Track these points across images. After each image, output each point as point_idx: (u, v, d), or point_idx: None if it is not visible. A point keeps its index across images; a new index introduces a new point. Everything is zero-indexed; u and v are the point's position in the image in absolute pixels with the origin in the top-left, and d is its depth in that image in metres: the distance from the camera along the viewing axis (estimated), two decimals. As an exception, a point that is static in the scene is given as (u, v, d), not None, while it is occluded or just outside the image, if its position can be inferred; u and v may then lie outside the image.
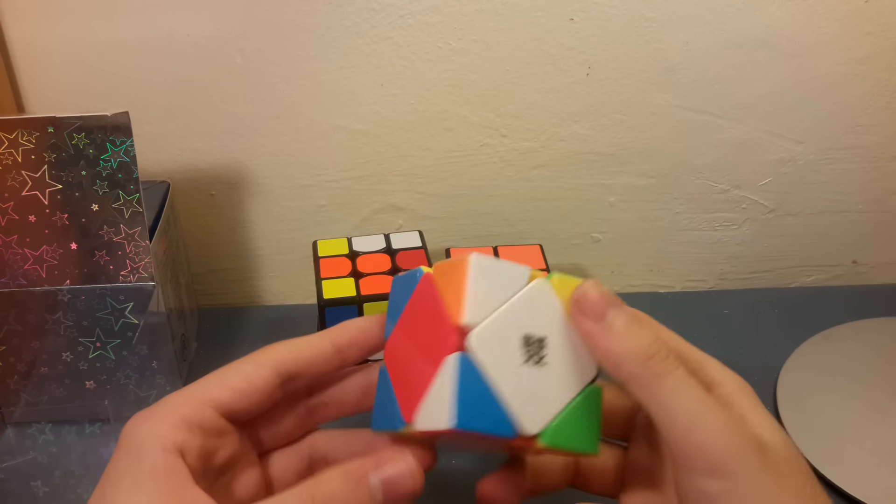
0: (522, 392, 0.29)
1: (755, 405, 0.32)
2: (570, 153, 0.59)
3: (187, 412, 0.30)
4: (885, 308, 0.61)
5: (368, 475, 0.29)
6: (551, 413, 0.30)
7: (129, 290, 0.48)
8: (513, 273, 0.31)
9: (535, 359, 0.30)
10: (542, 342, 0.30)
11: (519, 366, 0.30)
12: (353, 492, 0.28)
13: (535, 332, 0.30)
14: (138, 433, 0.29)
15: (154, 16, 0.53)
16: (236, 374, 0.32)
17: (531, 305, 0.30)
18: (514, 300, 0.30)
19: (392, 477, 0.29)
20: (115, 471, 0.28)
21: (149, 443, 0.29)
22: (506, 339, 0.30)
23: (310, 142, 0.58)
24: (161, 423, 0.29)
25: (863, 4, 0.53)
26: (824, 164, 0.60)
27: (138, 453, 0.28)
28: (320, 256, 0.52)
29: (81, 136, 0.45)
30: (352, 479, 0.28)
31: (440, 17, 0.53)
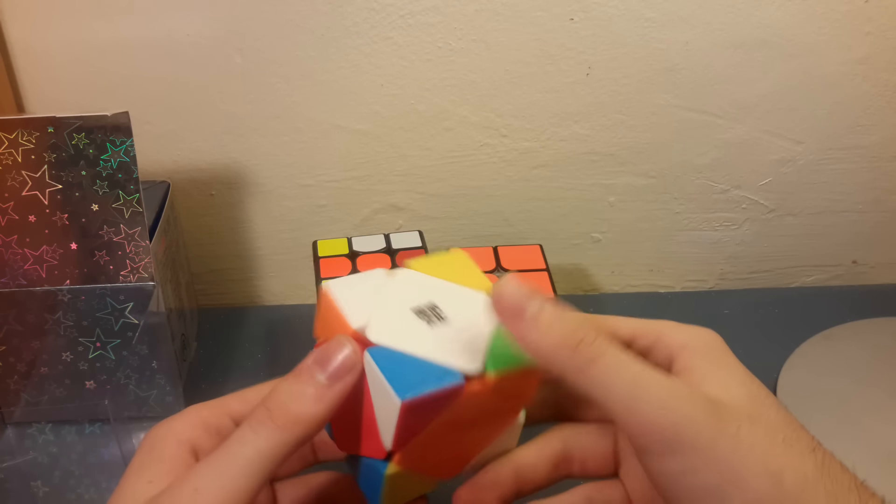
0: (444, 346, 0.30)
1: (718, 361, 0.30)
2: (570, 153, 0.59)
3: (205, 415, 0.32)
4: (885, 308, 0.61)
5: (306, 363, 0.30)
6: (481, 348, 0.30)
7: (129, 290, 0.48)
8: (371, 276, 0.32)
9: (435, 319, 0.31)
10: (433, 306, 0.31)
11: (427, 329, 0.30)
12: (296, 383, 0.29)
13: (421, 302, 0.31)
14: (156, 431, 0.31)
15: (154, 16, 0.53)
16: (254, 391, 0.33)
17: (405, 289, 0.31)
18: (387, 291, 0.31)
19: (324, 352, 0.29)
20: (130, 465, 0.30)
21: (163, 437, 0.31)
22: (399, 318, 0.30)
23: (310, 142, 0.58)
24: (178, 421, 0.31)
25: (863, 4, 0.53)
26: (824, 164, 0.60)
27: (152, 446, 0.30)
28: (320, 256, 0.53)
29: (81, 136, 0.45)
30: (292, 375, 0.29)
31: (440, 17, 0.53)
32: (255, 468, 0.28)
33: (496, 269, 0.54)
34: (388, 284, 0.32)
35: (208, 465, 0.28)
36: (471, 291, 0.32)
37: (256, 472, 0.28)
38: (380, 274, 0.32)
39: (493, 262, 0.54)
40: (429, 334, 0.30)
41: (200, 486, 0.27)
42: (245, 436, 0.28)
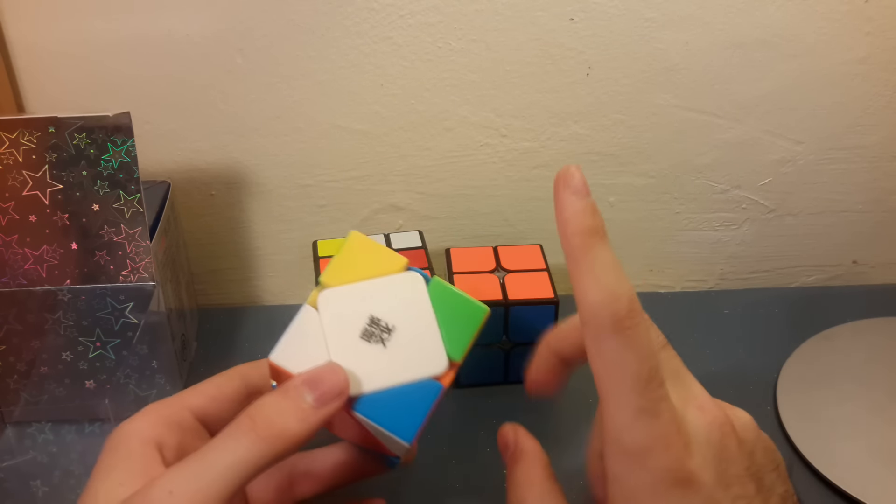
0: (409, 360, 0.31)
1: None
2: (570, 153, 0.59)
3: (165, 413, 0.32)
4: (885, 308, 0.61)
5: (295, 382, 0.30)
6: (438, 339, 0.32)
7: (129, 289, 0.48)
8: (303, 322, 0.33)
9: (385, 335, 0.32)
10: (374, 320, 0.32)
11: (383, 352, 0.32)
12: (284, 399, 0.30)
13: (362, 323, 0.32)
14: (119, 432, 0.31)
15: (154, 16, 0.53)
16: (209, 383, 0.35)
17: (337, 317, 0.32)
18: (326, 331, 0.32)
19: (315, 375, 0.30)
20: (96, 467, 0.30)
21: (127, 436, 0.31)
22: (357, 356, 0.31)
23: (310, 142, 0.58)
24: (139, 421, 0.32)
25: (863, 4, 0.53)
26: (824, 164, 0.60)
27: (117, 446, 0.31)
28: (320, 256, 0.53)
29: (82, 136, 0.45)
30: (280, 391, 0.30)
31: (440, 17, 0.53)
32: (232, 476, 0.28)
33: (496, 269, 0.54)
34: (322, 322, 0.32)
35: (185, 468, 0.28)
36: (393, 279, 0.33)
37: (232, 479, 0.28)
38: (308, 314, 0.32)
39: (493, 262, 0.54)
40: (389, 357, 0.31)
41: (175, 489, 0.27)
42: (225, 443, 0.28)
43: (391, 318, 0.32)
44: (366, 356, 0.31)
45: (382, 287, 0.33)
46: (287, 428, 0.29)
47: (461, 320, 0.32)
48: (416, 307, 0.32)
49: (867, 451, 0.49)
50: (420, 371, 0.31)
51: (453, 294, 0.33)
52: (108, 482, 0.29)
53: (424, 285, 0.33)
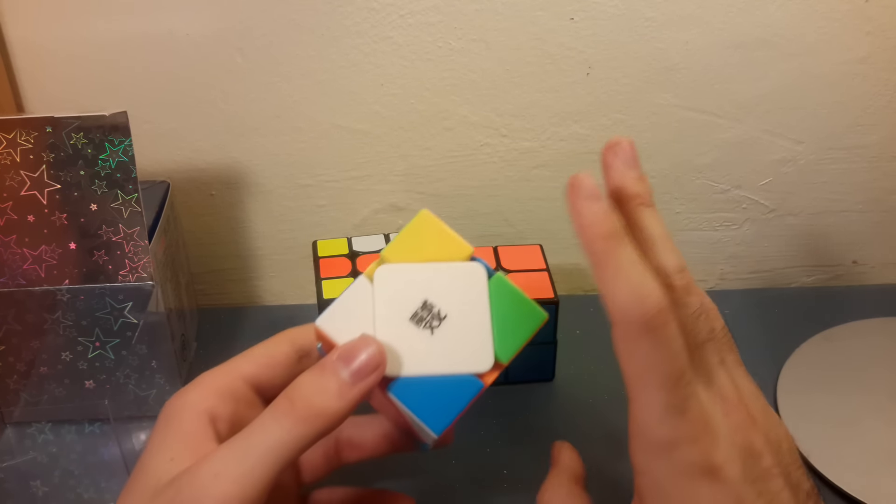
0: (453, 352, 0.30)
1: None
2: (570, 153, 0.59)
3: (219, 383, 0.32)
4: (885, 308, 0.61)
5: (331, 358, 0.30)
6: (488, 336, 0.31)
7: (128, 289, 0.48)
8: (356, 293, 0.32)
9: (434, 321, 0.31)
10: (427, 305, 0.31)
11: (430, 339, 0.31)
12: (320, 377, 0.30)
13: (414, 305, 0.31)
14: (173, 404, 0.32)
15: (154, 15, 0.53)
16: (260, 350, 0.34)
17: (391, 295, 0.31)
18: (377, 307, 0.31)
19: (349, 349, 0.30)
20: (149, 441, 0.31)
21: (180, 409, 0.31)
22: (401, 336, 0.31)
23: (310, 141, 0.58)
24: (193, 392, 0.32)
25: (863, 4, 0.53)
26: (824, 163, 0.60)
27: (169, 420, 0.31)
28: (320, 256, 0.52)
29: (80, 136, 0.45)
30: (317, 369, 0.30)
31: (440, 17, 0.53)
32: (275, 457, 0.28)
33: (496, 269, 0.54)
34: (375, 296, 0.31)
35: (229, 451, 0.28)
36: (454, 267, 0.32)
37: (276, 461, 0.28)
38: (363, 286, 0.32)
39: (493, 263, 0.54)
40: (435, 344, 0.30)
41: (220, 472, 0.28)
42: (267, 425, 0.29)
43: (445, 305, 0.31)
44: (412, 339, 0.30)
45: (442, 272, 0.32)
46: (326, 406, 0.29)
47: (516, 321, 0.31)
48: (473, 299, 0.31)
49: (867, 452, 0.49)
50: (463, 366, 0.30)
51: (513, 293, 0.32)
52: (160, 457, 0.30)
53: (486, 278, 0.32)
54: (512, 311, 0.31)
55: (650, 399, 0.28)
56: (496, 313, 0.31)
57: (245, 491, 0.28)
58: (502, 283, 0.32)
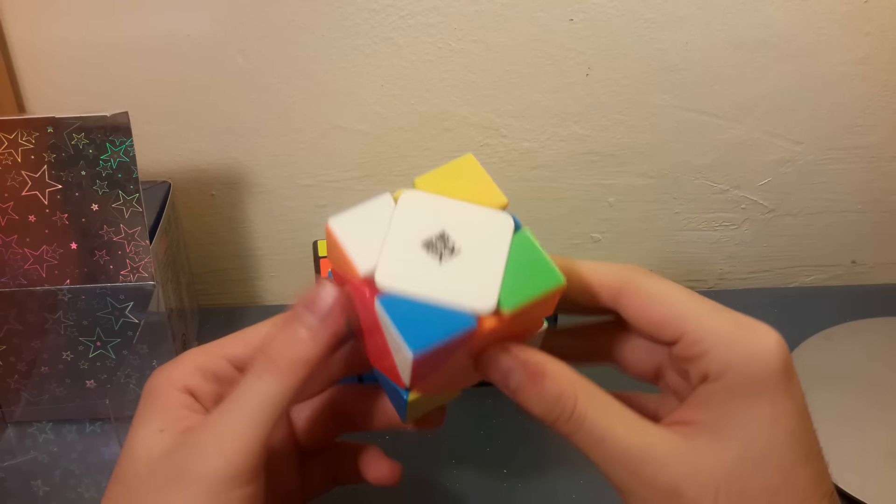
0: (457, 285, 0.29)
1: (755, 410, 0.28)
2: (569, 153, 0.59)
3: (202, 362, 0.32)
4: (884, 308, 0.61)
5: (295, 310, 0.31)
6: (496, 281, 0.29)
7: (129, 289, 0.48)
8: (377, 206, 0.31)
9: (447, 253, 0.30)
10: (443, 236, 0.30)
11: (437, 268, 0.29)
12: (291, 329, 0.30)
13: (430, 233, 0.30)
14: (154, 381, 0.32)
15: (154, 16, 0.53)
16: (250, 331, 0.34)
17: (411, 217, 0.30)
18: (393, 223, 0.30)
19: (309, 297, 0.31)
20: (135, 416, 0.31)
21: (163, 386, 0.31)
22: (408, 256, 0.29)
23: (310, 142, 0.58)
24: (174, 369, 0.32)
25: (862, 5, 0.53)
26: (823, 164, 0.60)
27: (153, 396, 0.31)
28: (320, 256, 0.53)
29: (81, 137, 0.46)
30: (283, 322, 0.31)
31: (440, 18, 0.53)
32: (267, 413, 0.29)
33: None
34: (396, 213, 0.30)
35: (221, 415, 0.29)
36: (483, 211, 0.31)
37: (266, 417, 0.29)
38: (387, 202, 0.31)
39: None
40: (439, 272, 0.29)
41: (217, 436, 0.28)
42: (251, 384, 0.29)
43: (461, 241, 0.30)
44: (418, 262, 0.29)
45: (469, 212, 0.31)
46: (301, 354, 0.30)
47: (531, 278, 0.29)
48: (492, 245, 0.30)
49: (867, 451, 0.49)
50: (461, 298, 0.28)
51: (536, 251, 0.30)
52: (147, 429, 0.30)
53: (511, 230, 0.31)
54: (529, 268, 0.30)
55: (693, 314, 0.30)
56: (512, 264, 0.30)
57: (244, 450, 0.28)
58: (526, 240, 0.31)
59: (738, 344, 0.29)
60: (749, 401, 0.28)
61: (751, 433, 0.28)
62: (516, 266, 0.30)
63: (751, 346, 0.29)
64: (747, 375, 0.28)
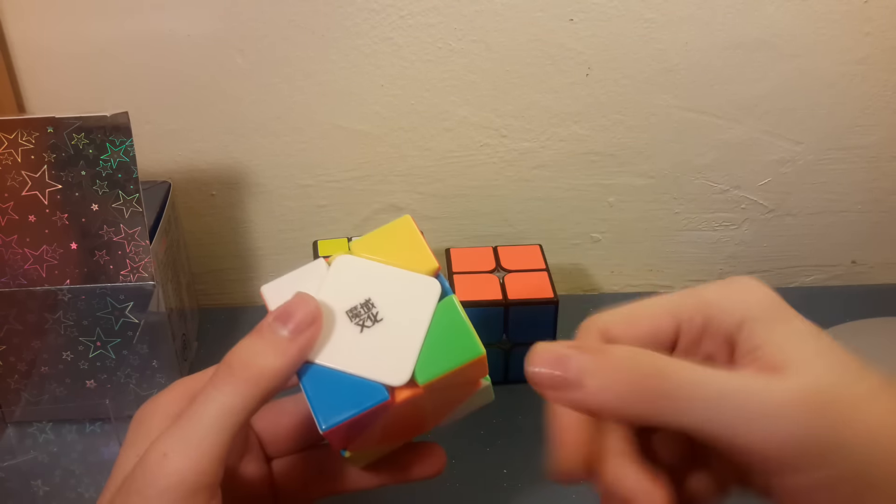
0: (374, 357, 0.29)
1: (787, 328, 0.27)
2: (569, 153, 0.59)
3: (190, 385, 0.32)
4: (884, 308, 0.61)
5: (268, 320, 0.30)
6: (413, 353, 0.29)
7: (129, 289, 0.48)
8: (310, 271, 0.32)
9: (369, 321, 0.30)
10: (368, 303, 0.30)
11: (357, 337, 0.30)
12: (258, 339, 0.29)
13: (356, 300, 0.30)
14: (144, 408, 0.31)
15: (155, 16, 0.53)
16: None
17: (340, 283, 0.31)
18: (322, 291, 0.31)
19: (286, 308, 0.30)
20: (124, 441, 0.31)
21: (151, 412, 0.31)
22: (331, 326, 0.30)
23: (310, 142, 0.58)
24: (164, 396, 0.32)
25: (862, 5, 0.53)
26: (823, 164, 0.60)
27: (141, 421, 0.31)
28: (321, 256, 0.53)
29: (81, 137, 0.46)
30: (253, 332, 0.30)
31: (440, 18, 0.53)
32: (222, 425, 0.27)
33: (496, 269, 0.54)
34: (326, 280, 0.31)
35: (176, 428, 0.28)
36: (412, 277, 0.31)
37: (223, 429, 0.27)
38: (319, 267, 0.32)
39: (493, 262, 0.54)
40: (359, 342, 0.30)
41: (168, 450, 0.27)
42: (209, 394, 0.28)
43: (385, 310, 0.30)
44: (340, 332, 0.30)
45: (398, 279, 0.31)
46: (266, 365, 0.28)
47: (449, 348, 0.30)
48: (415, 313, 0.30)
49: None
50: (376, 373, 0.29)
51: (458, 319, 0.30)
52: (127, 459, 0.29)
53: (437, 297, 0.31)
54: (450, 337, 0.30)
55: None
56: (433, 333, 0.30)
57: (197, 464, 0.27)
58: (450, 307, 0.31)
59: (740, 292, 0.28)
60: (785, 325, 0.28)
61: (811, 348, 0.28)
62: (437, 335, 0.30)
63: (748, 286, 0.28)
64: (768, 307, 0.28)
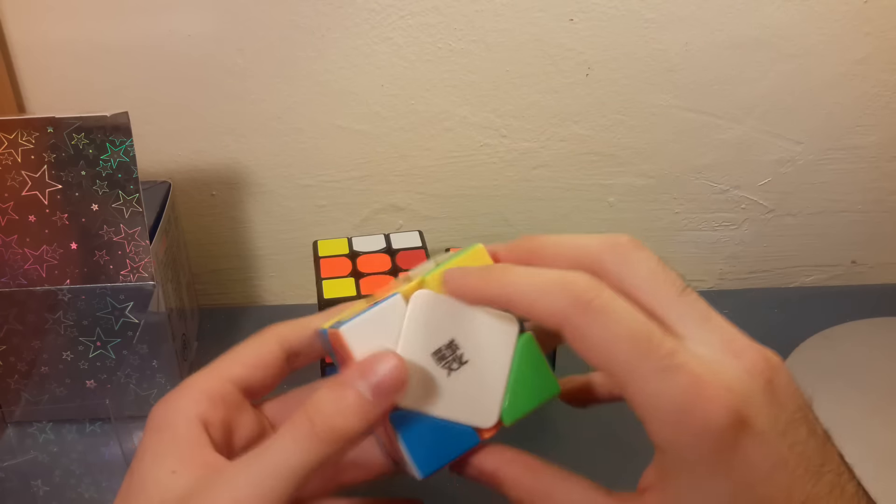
0: (462, 400, 0.30)
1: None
2: (569, 153, 0.59)
3: (208, 387, 0.31)
4: (884, 308, 0.61)
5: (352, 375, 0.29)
6: (499, 394, 0.30)
7: (129, 289, 0.48)
8: (388, 310, 0.30)
9: (455, 363, 0.30)
10: (452, 344, 0.30)
11: (445, 380, 0.30)
12: (341, 395, 0.28)
13: (440, 341, 0.30)
14: (162, 410, 0.31)
15: (155, 16, 0.53)
16: (246, 350, 0.33)
17: (420, 323, 0.30)
18: (403, 331, 0.30)
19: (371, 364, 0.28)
20: (142, 448, 0.30)
21: (172, 416, 0.30)
22: (418, 370, 0.30)
23: (310, 142, 0.58)
24: (183, 398, 0.31)
25: (862, 5, 0.53)
26: (824, 164, 0.60)
27: (161, 427, 0.30)
28: (321, 256, 0.53)
29: (81, 137, 0.46)
30: (337, 386, 0.28)
31: (440, 18, 0.53)
32: (294, 478, 0.27)
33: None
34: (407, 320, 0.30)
35: (247, 471, 0.27)
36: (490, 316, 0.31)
37: (294, 482, 0.27)
38: (396, 305, 0.30)
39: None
40: (447, 386, 0.30)
41: (240, 496, 0.27)
42: (286, 445, 0.28)
43: (469, 350, 0.30)
44: (428, 374, 0.30)
45: (477, 316, 0.31)
46: (347, 426, 0.28)
47: (531, 387, 0.31)
48: (498, 353, 0.31)
49: (866, 452, 0.49)
50: (468, 417, 0.30)
51: (538, 359, 0.31)
52: (159, 469, 0.28)
53: (516, 335, 0.31)
54: (530, 376, 0.31)
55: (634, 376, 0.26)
56: (515, 374, 0.31)
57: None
58: (530, 346, 0.31)
59: (680, 416, 0.25)
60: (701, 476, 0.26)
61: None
62: (519, 376, 0.31)
63: (694, 417, 0.25)
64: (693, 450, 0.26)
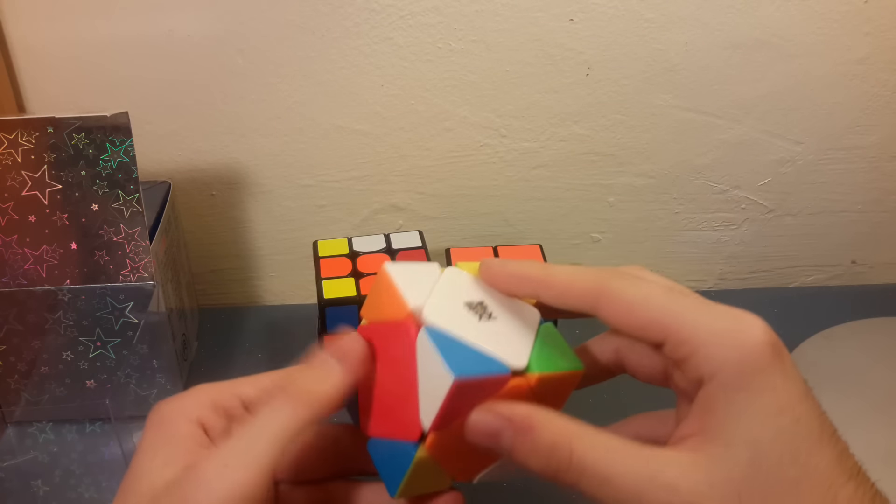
0: (493, 339, 0.31)
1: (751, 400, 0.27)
2: (569, 153, 0.59)
3: (214, 394, 0.32)
4: (884, 308, 0.61)
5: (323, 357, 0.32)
6: (527, 348, 0.32)
7: (129, 289, 0.48)
8: (426, 267, 0.34)
9: (485, 315, 0.32)
10: (483, 304, 0.33)
11: (477, 323, 0.32)
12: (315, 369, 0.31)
13: (472, 297, 0.33)
14: (165, 408, 0.31)
15: (155, 16, 0.53)
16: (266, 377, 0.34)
17: (454, 284, 0.33)
18: (440, 283, 0.33)
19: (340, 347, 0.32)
20: (140, 444, 0.31)
21: (173, 414, 0.31)
22: (452, 308, 0.32)
23: (310, 142, 0.58)
24: (186, 400, 0.32)
25: (862, 5, 0.53)
26: (823, 164, 0.60)
27: (161, 424, 0.31)
28: (321, 256, 0.53)
29: (81, 137, 0.46)
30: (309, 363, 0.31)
31: (440, 18, 0.53)
32: (279, 441, 0.29)
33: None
34: (442, 277, 0.33)
35: (236, 442, 0.29)
36: (515, 300, 0.33)
37: (279, 445, 0.29)
38: (434, 267, 0.34)
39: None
40: (479, 326, 0.32)
41: (229, 462, 0.28)
42: (269, 414, 0.30)
43: (497, 313, 0.33)
44: (460, 313, 0.32)
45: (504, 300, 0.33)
46: (323, 391, 0.30)
47: (556, 357, 0.32)
48: (523, 324, 0.33)
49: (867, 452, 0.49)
50: (499, 350, 0.31)
51: (560, 340, 0.33)
52: (152, 463, 0.29)
53: (539, 319, 0.33)
54: (555, 350, 0.33)
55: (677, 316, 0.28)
56: (540, 343, 0.32)
57: (255, 477, 0.28)
58: (552, 330, 0.33)
59: (724, 338, 0.28)
60: (748, 396, 0.27)
61: (757, 430, 0.27)
62: (544, 346, 0.32)
63: (737, 338, 0.27)
64: (739, 369, 0.27)
